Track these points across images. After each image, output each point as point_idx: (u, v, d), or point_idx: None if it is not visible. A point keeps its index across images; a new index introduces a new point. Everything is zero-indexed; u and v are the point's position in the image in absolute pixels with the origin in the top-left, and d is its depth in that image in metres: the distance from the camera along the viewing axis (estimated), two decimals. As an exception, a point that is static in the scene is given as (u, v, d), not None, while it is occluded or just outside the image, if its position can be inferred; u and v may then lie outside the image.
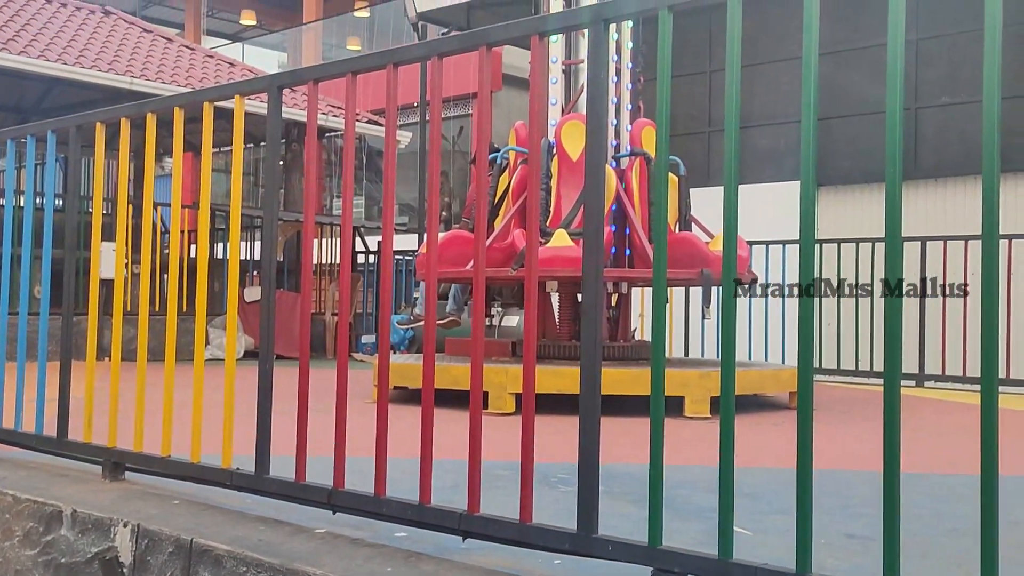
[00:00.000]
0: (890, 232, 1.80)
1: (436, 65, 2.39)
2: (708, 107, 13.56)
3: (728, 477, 1.99)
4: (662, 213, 2.13)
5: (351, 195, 2.78)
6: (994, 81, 1.68)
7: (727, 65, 1.90)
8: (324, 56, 26.52)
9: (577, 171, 6.58)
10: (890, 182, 1.79)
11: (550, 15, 2.37)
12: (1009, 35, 10.70)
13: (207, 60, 13.93)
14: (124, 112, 3.28)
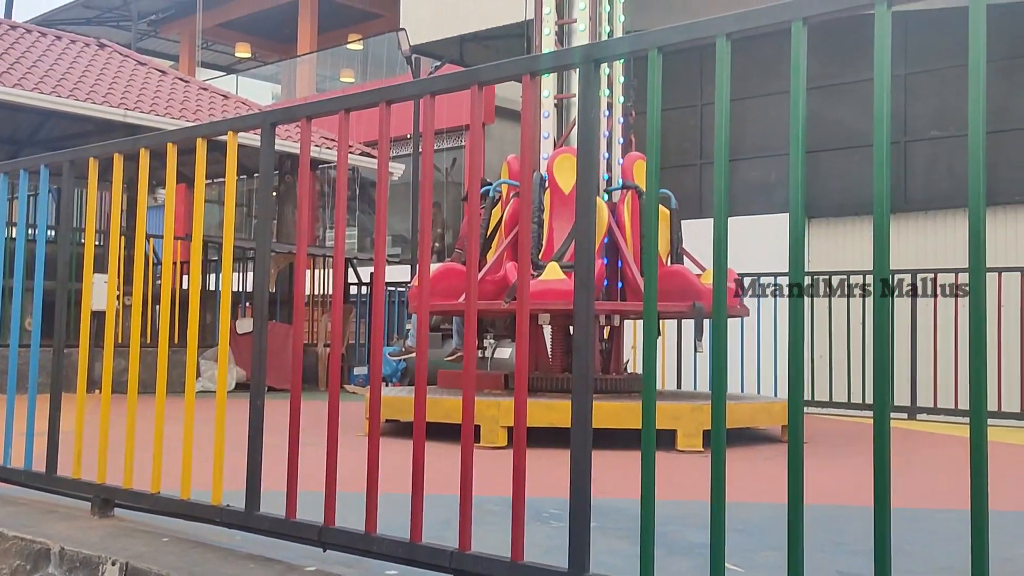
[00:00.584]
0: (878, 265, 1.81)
1: (428, 103, 2.41)
2: (700, 139, 13.65)
3: (719, 513, 1.98)
4: (652, 247, 2.14)
5: (343, 228, 2.79)
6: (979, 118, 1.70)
7: (716, 104, 1.92)
8: (318, 87, 26.64)
9: (569, 204, 6.61)
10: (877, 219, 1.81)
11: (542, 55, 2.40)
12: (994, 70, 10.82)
13: (201, 92, 13.98)
14: (117, 148, 3.30)
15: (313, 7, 26.74)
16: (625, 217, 6.95)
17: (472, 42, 15.84)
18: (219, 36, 30.00)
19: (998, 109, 10.79)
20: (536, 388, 6.61)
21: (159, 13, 29.32)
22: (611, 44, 2.07)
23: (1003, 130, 11.01)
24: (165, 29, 30.42)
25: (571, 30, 7.25)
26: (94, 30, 27.58)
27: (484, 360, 7.98)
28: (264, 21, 28.49)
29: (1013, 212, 11.10)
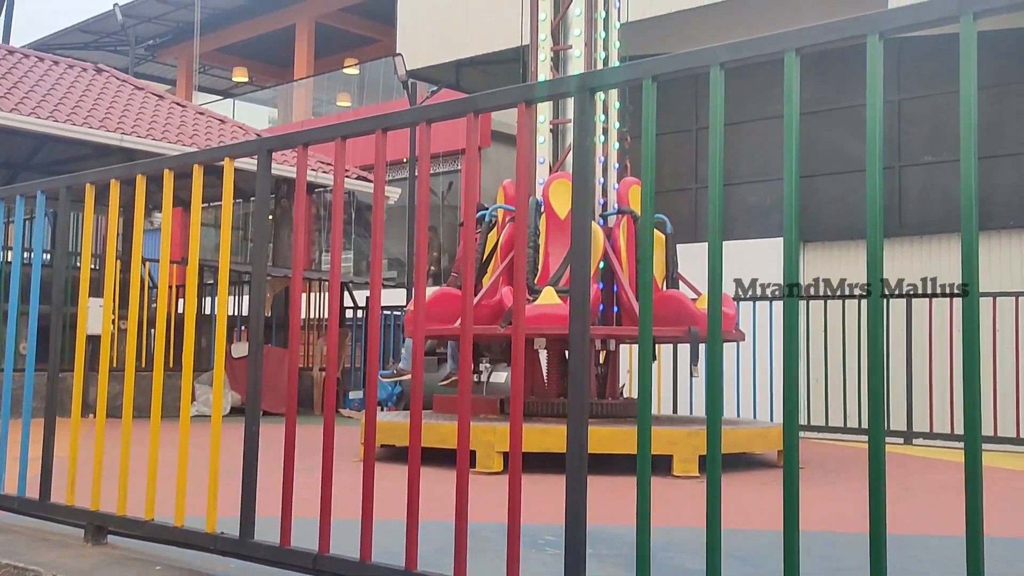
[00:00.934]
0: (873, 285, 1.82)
1: (424, 131, 2.42)
2: (695, 164, 13.70)
3: (715, 540, 1.98)
4: (647, 272, 2.15)
5: (339, 254, 2.80)
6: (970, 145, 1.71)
7: (710, 132, 1.93)
8: (314, 111, 26.74)
9: (565, 229, 6.62)
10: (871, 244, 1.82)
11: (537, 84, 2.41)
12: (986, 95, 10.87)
13: (198, 117, 14.03)
14: (114, 174, 3.31)
15: (310, 32, 26.89)
16: (621, 242, 6.97)
17: (468, 67, 15.93)
18: (216, 61, 30.14)
19: (991, 134, 10.85)
20: (532, 413, 6.60)
21: (157, 38, 29.46)
22: (606, 73, 2.09)
23: (996, 155, 11.07)
24: (163, 54, 30.55)
25: (566, 56, 7.30)
26: (92, 55, 27.69)
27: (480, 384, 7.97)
28: (261, 46, 28.64)
29: (1007, 237, 11.14)
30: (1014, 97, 11.19)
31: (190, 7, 26.44)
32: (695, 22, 12.64)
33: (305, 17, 26.75)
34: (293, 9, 26.69)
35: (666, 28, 12.58)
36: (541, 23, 7.37)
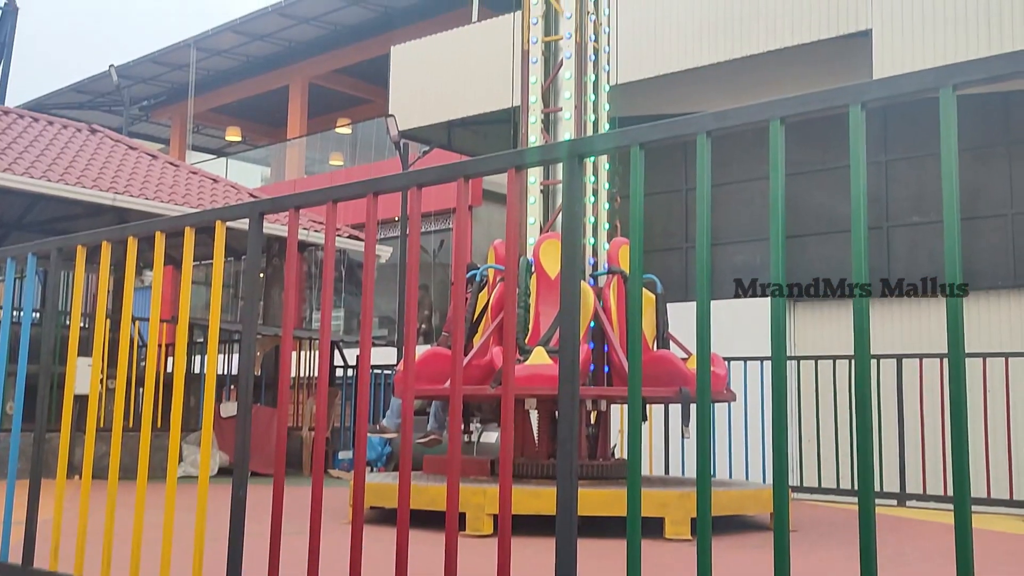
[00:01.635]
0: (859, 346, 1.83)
1: (415, 195, 2.44)
2: (685, 223, 13.80)
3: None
4: (636, 332, 2.16)
5: (330, 313, 2.81)
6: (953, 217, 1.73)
7: (697, 198, 1.96)
8: (307, 170, 26.91)
9: (556, 289, 6.64)
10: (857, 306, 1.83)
11: (527, 150, 2.45)
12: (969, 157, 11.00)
13: (191, 176, 14.11)
14: (106, 236, 3.32)
15: (303, 93, 27.18)
16: (611, 302, 6.99)
17: (460, 127, 16.11)
18: (210, 120, 30.41)
19: (974, 196, 10.97)
20: (522, 474, 6.56)
21: (151, 99, 29.73)
22: (595, 140, 2.12)
23: (980, 217, 11.18)
24: (157, 114, 30.81)
25: (557, 118, 7.39)
26: (86, 114, 27.91)
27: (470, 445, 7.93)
28: (255, 106, 28.92)
29: (995, 298, 11.20)
30: (997, 159, 11.33)
31: (185, 68, 26.75)
32: (682, 84, 12.83)
33: (299, 78, 27.06)
34: (287, 70, 27.01)
35: (654, 89, 12.76)
36: (532, 86, 7.47)
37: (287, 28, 25.24)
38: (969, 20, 10.39)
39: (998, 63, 1.61)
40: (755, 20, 11.79)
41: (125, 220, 11.69)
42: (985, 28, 10.26)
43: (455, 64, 15.24)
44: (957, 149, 1.69)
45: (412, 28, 21.74)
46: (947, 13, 10.54)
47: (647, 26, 12.51)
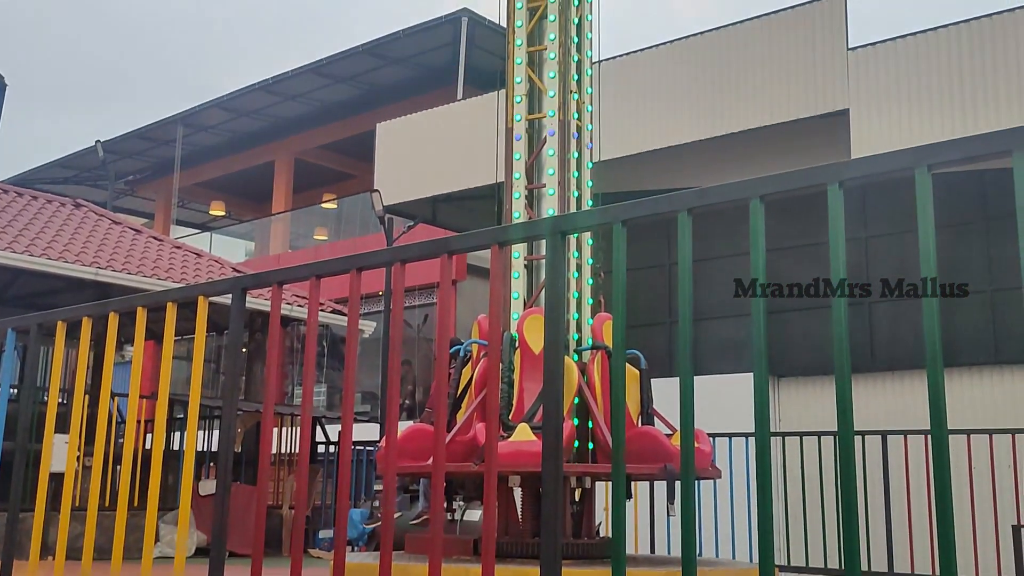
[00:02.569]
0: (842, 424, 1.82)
1: (399, 270, 2.45)
2: (668, 298, 13.84)
3: None
4: (620, 408, 2.15)
5: (311, 390, 2.78)
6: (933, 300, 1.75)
7: (679, 276, 1.97)
8: (291, 245, 26.98)
9: (539, 364, 6.61)
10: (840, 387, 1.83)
11: (510, 226, 2.46)
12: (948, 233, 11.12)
13: (174, 251, 14.11)
14: (86, 312, 3.30)
15: (289, 168, 27.39)
16: (595, 377, 6.96)
17: (444, 202, 16.20)
18: (195, 195, 30.55)
19: (953, 272, 11.07)
20: (506, 554, 6.45)
21: (136, 174, 29.90)
22: (578, 216, 2.14)
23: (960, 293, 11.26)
24: (142, 188, 30.96)
25: (540, 194, 7.44)
26: (71, 189, 28.03)
27: (454, 523, 7.81)
28: (240, 181, 29.10)
29: (979, 373, 11.23)
30: (975, 235, 11.47)
31: (171, 144, 26.95)
32: (663, 161, 12.99)
33: (284, 154, 27.29)
34: (273, 146, 27.25)
35: (636, 166, 12.91)
36: (516, 162, 7.54)
37: (273, 105, 25.54)
38: (944, 100, 10.61)
39: (972, 144, 1.64)
40: (735, 99, 12.00)
41: (107, 294, 11.66)
42: (960, 108, 10.47)
43: (440, 140, 15.41)
44: (934, 228, 1.71)
45: (397, 105, 22.04)
46: (922, 93, 10.76)
47: (629, 104, 12.71)
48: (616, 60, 12.99)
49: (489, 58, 21.03)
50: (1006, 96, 10.12)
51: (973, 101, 10.38)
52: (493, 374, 2.81)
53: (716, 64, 12.23)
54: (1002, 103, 10.17)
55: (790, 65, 11.54)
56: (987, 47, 10.37)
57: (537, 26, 7.63)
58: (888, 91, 10.88)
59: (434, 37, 22.30)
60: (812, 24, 11.54)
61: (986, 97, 10.30)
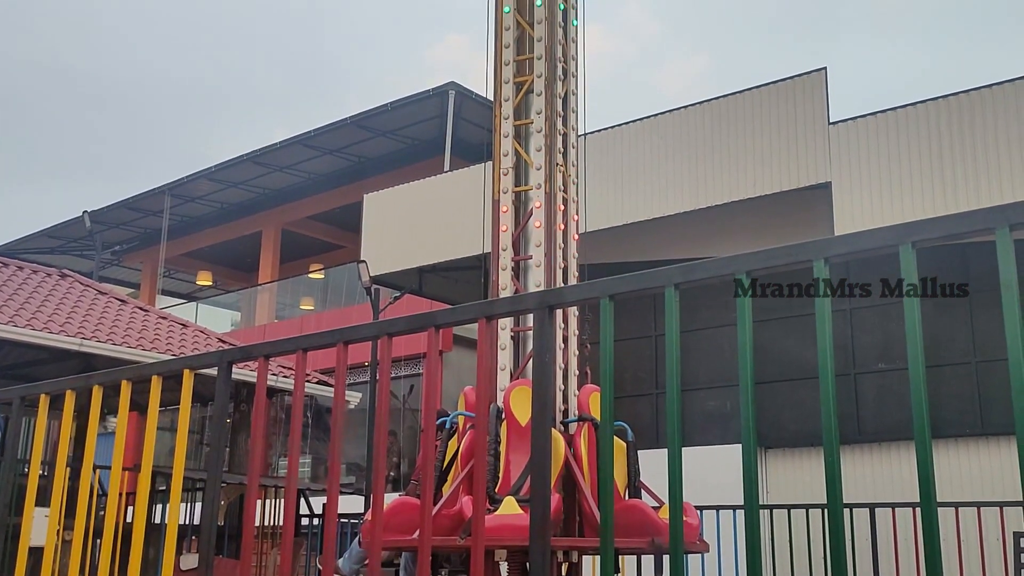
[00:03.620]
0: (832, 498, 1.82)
1: (385, 344, 2.45)
2: (655, 369, 13.83)
3: None
4: (608, 482, 2.13)
5: (297, 462, 2.75)
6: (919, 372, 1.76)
7: (667, 350, 1.97)
8: (277, 315, 26.91)
9: (526, 437, 6.58)
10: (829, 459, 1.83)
11: (497, 300, 2.47)
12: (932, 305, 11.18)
13: (160, 322, 14.06)
14: (70, 385, 3.28)
15: (276, 238, 27.46)
16: (582, 449, 6.93)
17: (431, 273, 16.24)
18: (181, 265, 30.54)
19: (938, 343, 11.12)
20: (492, 629, 6.34)
21: (123, 244, 29.92)
22: (565, 291, 2.15)
23: (945, 364, 11.31)
24: (128, 258, 30.95)
25: (527, 266, 7.48)
26: (58, 259, 28.00)
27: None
28: (227, 251, 29.14)
29: (964, 446, 11.22)
30: (958, 307, 11.55)
31: (159, 214, 27.03)
32: (649, 232, 13.09)
33: (272, 224, 27.38)
34: (260, 217, 27.35)
35: (622, 237, 13.00)
36: (503, 234, 7.59)
37: (262, 176, 25.70)
38: (924, 173, 10.77)
39: (954, 222, 1.66)
40: (719, 172, 12.16)
41: (92, 365, 11.58)
42: (940, 181, 10.62)
43: (427, 211, 15.50)
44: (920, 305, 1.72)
45: (385, 176, 22.23)
46: (903, 166, 10.93)
47: (615, 176, 12.85)
48: (602, 133, 13.17)
49: (476, 130, 21.30)
50: (985, 169, 10.29)
51: (953, 174, 10.55)
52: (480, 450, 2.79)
53: (700, 137, 12.42)
54: (981, 176, 10.34)
55: (773, 139, 11.72)
56: (965, 122, 10.57)
57: (524, 100, 7.74)
58: (869, 164, 11.05)
59: (422, 110, 22.57)
60: (794, 99, 11.76)
61: (965, 170, 10.47)
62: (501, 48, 7.82)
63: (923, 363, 1.78)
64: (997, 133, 10.35)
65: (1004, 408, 10.67)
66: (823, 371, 1.86)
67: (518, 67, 7.77)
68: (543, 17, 7.72)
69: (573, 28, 8.16)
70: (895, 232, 1.72)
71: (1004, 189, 9.98)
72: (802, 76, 11.82)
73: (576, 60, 8.14)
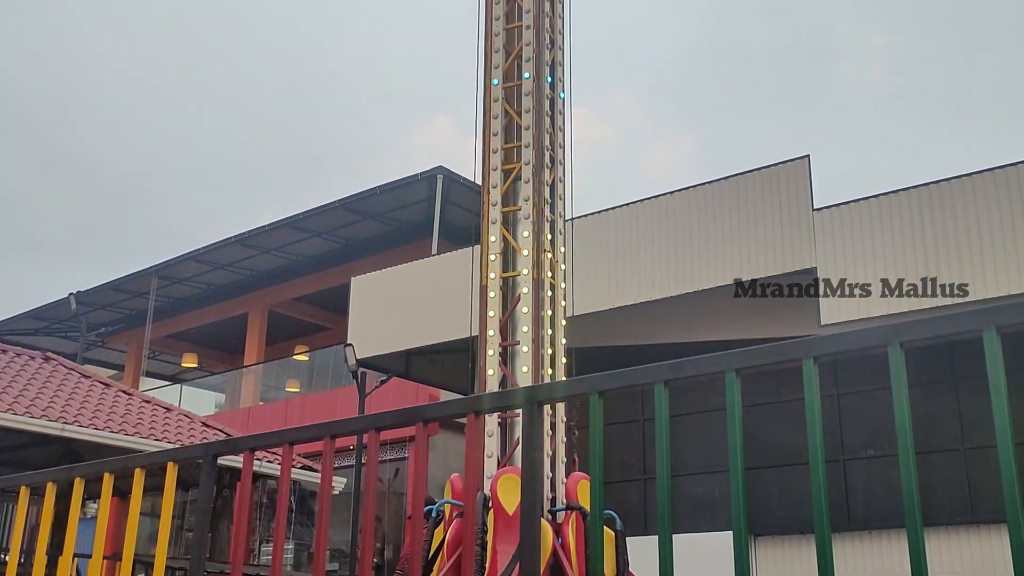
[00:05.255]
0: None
1: (373, 438, 2.43)
2: (643, 455, 13.73)
3: None
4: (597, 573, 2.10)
5: (282, 553, 2.70)
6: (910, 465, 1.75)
7: (657, 446, 1.96)
8: (262, 396, 26.70)
9: (513, 524, 6.49)
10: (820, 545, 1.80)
11: (486, 395, 2.47)
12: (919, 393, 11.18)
13: (143, 405, 13.93)
14: (51, 476, 3.23)
15: (262, 320, 27.38)
16: (570, 538, 6.83)
17: (418, 356, 16.19)
18: (166, 346, 30.37)
19: (926, 430, 11.10)
20: None
21: (109, 326, 29.80)
22: (555, 387, 2.15)
23: (933, 451, 11.27)
24: (113, 340, 30.78)
25: (515, 351, 7.47)
26: (43, 340, 27.82)
27: None
28: (212, 332, 29.01)
29: (955, 533, 11.11)
30: (945, 395, 11.57)
31: (145, 296, 26.98)
32: (636, 316, 13.12)
33: (258, 306, 27.33)
34: (247, 298, 27.31)
35: (609, 321, 13.03)
36: (490, 320, 7.59)
37: (249, 258, 25.74)
38: (907, 259, 10.88)
39: (942, 324, 1.67)
40: (705, 257, 12.25)
41: (74, 450, 11.44)
42: (923, 267, 10.72)
43: (414, 295, 15.53)
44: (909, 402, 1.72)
45: (372, 258, 22.28)
46: (887, 252, 11.04)
47: (602, 261, 12.93)
48: (589, 218, 13.29)
49: (464, 213, 21.44)
50: (968, 257, 10.40)
51: (936, 261, 10.66)
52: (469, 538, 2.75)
53: (686, 223, 12.54)
54: (964, 263, 10.44)
55: (758, 224, 11.85)
56: (947, 209, 10.72)
57: (511, 187, 7.82)
58: (854, 250, 11.16)
59: (410, 193, 22.75)
60: (778, 185, 11.92)
61: (948, 257, 10.58)
62: (489, 136, 7.93)
63: (914, 463, 1.77)
64: (979, 221, 10.49)
65: (994, 495, 10.61)
66: (814, 469, 1.85)
67: (506, 155, 7.87)
68: (531, 106, 7.85)
69: (560, 116, 8.29)
70: (884, 333, 1.72)
71: (987, 277, 10.09)
72: (786, 163, 12.01)
73: (563, 148, 8.25)
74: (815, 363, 1.80)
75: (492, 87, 8.03)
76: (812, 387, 1.84)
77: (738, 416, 1.94)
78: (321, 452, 2.66)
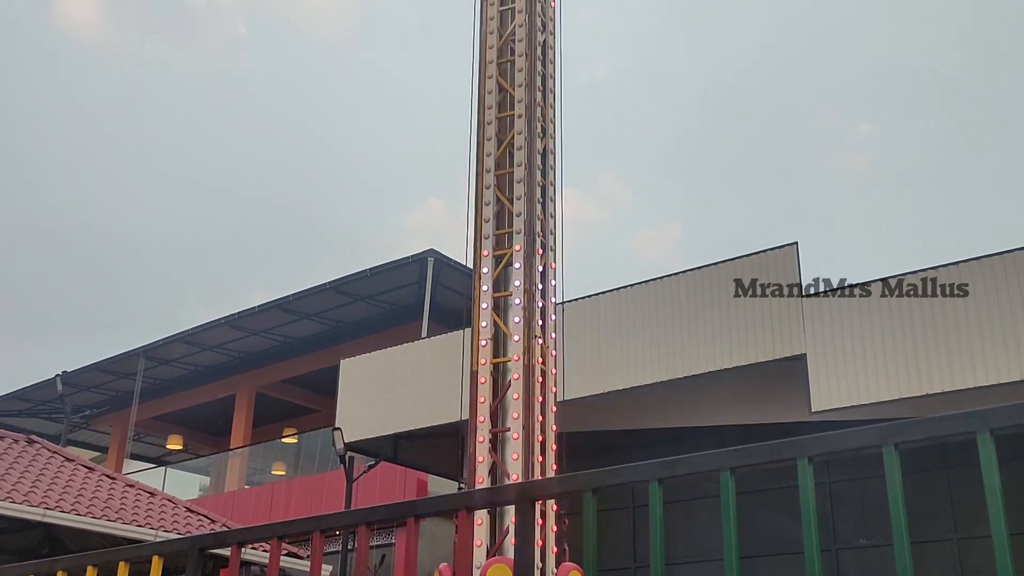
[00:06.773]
0: None
1: (363, 533, 2.39)
2: (633, 542, 13.55)
3: None
4: None
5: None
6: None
7: (651, 546, 1.94)
8: (248, 480, 26.33)
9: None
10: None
11: (478, 491, 2.44)
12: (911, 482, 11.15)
13: (127, 489, 13.73)
14: (33, 569, 3.17)
15: (249, 402, 27.15)
16: (560, 630, 6.70)
17: (407, 440, 16.06)
18: (151, 428, 30.05)
19: (919, 520, 11.00)
20: None
21: (95, 407, 29.53)
22: (546, 484, 2.13)
23: (926, 541, 11.16)
24: (98, 421, 30.47)
25: (505, 438, 7.43)
26: (27, 421, 27.53)
27: None
28: (199, 414, 28.74)
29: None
30: (937, 482, 11.50)
31: (132, 377, 26.77)
32: (627, 400, 13.08)
33: (246, 387, 27.13)
34: (234, 380, 27.13)
35: (600, 405, 12.97)
36: (480, 405, 7.57)
37: (238, 339, 25.64)
38: (897, 347, 10.91)
39: (935, 425, 1.67)
40: (695, 342, 12.26)
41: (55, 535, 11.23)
42: (912, 354, 10.75)
43: (403, 378, 15.46)
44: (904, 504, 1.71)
45: (362, 340, 22.22)
46: (876, 338, 11.07)
47: (593, 345, 12.93)
48: (579, 302, 13.32)
49: (454, 296, 21.47)
50: (957, 346, 10.44)
51: (926, 349, 10.69)
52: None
53: (677, 307, 12.58)
54: (953, 350, 10.47)
55: (748, 310, 11.89)
56: (937, 299, 10.78)
57: (503, 272, 7.87)
58: (843, 337, 11.19)
59: (400, 276, 22.79)
60: (767, 272, 12.00)
61: (937, 345, 10.62)
62: (481, 222, 8.00)
63: (911, 563, 1.75)
64: (968, 308, 10.55)
65: (989, 585, 10.47)
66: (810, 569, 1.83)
67: (497, 240, 7.94)
68: (522, 193, 7.95)
69: (551, 203, 8.38)
70: (878, 433, 1.72)
71: (976, 367, 10.11)
72: (774, 250, 12.11)
73: (554, 234, 8.33)
74: (810, 463, 1.80)
75: (484, 175, 8.13)
76: (807, 488, 1.83)
77: (733, 515, 1.92)
78: (306, 537, 2.62)
